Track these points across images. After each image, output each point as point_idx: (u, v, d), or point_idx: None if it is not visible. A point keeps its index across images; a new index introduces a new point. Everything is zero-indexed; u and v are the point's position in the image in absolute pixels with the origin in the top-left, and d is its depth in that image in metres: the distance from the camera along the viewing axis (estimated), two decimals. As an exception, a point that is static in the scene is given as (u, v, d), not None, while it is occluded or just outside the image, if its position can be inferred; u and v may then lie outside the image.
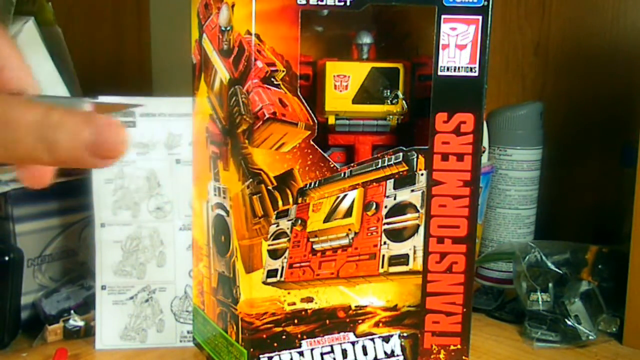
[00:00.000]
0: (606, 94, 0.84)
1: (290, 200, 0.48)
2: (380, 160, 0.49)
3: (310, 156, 0.48)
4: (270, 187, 0.47)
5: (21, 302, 0.59)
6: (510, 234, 0.75)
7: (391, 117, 0.52)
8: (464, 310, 0.51)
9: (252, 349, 0.48)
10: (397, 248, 0.50)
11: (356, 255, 0.49)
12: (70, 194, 0.64)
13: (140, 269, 0.59)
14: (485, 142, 0.72)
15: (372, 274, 0.50)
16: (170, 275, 0.59)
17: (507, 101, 0.88)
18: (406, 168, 0.49)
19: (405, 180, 0.50)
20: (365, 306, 0.51)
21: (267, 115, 0.46)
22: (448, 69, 0.48)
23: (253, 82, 0.46)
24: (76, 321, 0.60)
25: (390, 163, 0.49)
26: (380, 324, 0.51)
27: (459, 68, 0.48)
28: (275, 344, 0.49)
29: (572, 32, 0.85)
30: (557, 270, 0.63)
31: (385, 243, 0.50)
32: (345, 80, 0.51)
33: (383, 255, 0.50)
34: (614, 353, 0.59)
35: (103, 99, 0.57)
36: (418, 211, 0.50)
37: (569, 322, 0.60)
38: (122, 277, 0.59)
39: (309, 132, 0.47)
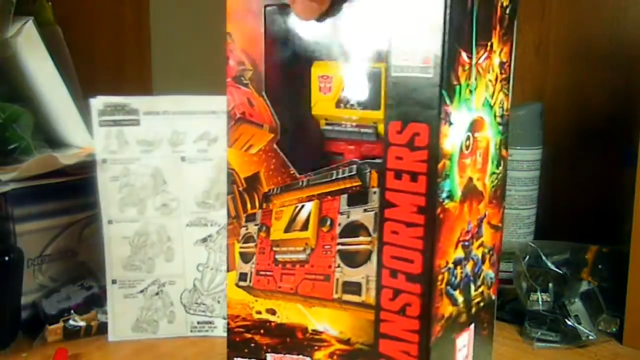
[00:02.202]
0: (606, 94, 0.84)
1: (257, 204, 0.46)
2: (335, 172, 0.45)
3: (273, 160, 0.46)
4: (240, 189, 0.47)
5: (21, 302, 0.59)
6: (510, 234, 0.74)
7: (375, 124, 0.45)
8: None
9: (228, 349, 0.48)
10: (350, 274, 0.44)
11: (312, 274, 0.45)
12: (70, 194, 0.64)
13: (149, 264, 0.59)
14: (486, 142, 0.72)
15: (326, 298, 0.45)
16: (179, 269, 0.60)
17: (507, 101, 0.88)
18: (359, 183, 0.43)
19: (358, 197, 0.43)
20: (321, 332, 0.45)
21: (237, 115, 0.46)
22: (402, 68, 0.42)
23: (227, 81, 0.46)
24: (76, 321, 0.60)
25: (344, 176, 0.44)
26: (335, 357, 0.45)
27: (413, 68, 0.41)
28: (246, 350, 0.47)
29: (572, 33, 0.85)
30: (557, 270, 0.63)
31: (339, 266, 0.44)
32: (328, 81, 0.46)
33: (337, 279, 0.44)
34: (613, 353, 0.59)
35: (102, 98, 0.57)
36: (370, 235, 0.43)
37: (568, 322, 0.60)
38: (132, 272, 0.60)
39: (272, 135, 0.46)
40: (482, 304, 0.48)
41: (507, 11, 0.45)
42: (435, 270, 0.42)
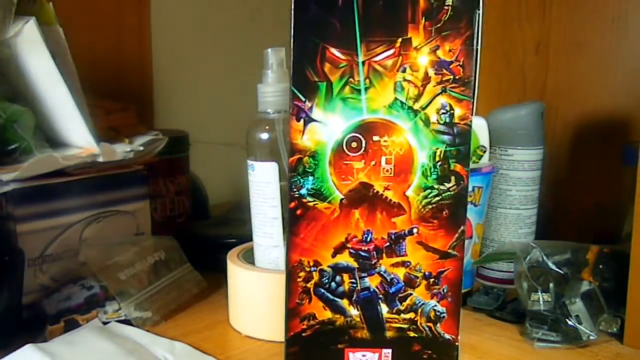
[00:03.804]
0: (607, 93, 0.84)
1: None
2: None
3: None
4: None
5: (22, 302, 0.59)
6: (511, 234, 0.75)
7: None
8: None
9: None
10: None
11: None
12: (70, 194, 0.64)
13: None
14: (486, 142, 0.72)
15: None
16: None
17: (508, 101, 0.88)
18: None
19: None
20: None
21: None
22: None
23: None
24: (77, 321, 0.60)
25: None
26: None
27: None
28: None
29: (572, 32, 0.86)
30: (558, 270, 0.63)
31: None
32: None
33: None
34: (614, 353, 0.59)
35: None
36: None
37: (569, 322, 0.60)
38: None
39: None
40: (411, 334, 0.43)
41: (451, 2, 0.39)
42: (292, 265, 0.42)
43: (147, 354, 0.55)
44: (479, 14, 0.39)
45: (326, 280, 0.42)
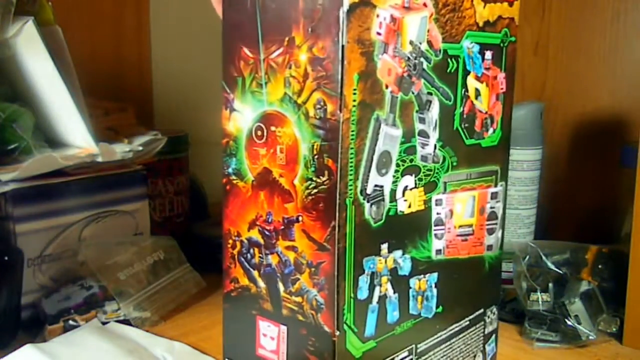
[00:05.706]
0: (606, 93, 0.84)
1: None
2: None
3: None
4: None
5: (21, 302, 0.59)
6: (510, 234, 0.75)
7: None
8: None
9: None
10: None
11: None
12: (70, 194, 0.64)
13: None
14: (485, 142, 0.72)
15: None
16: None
17: (507, 101, 0.88)
18: None
19: None
20: None
21: None
22: None
23: None
24: (76, 321, 0.60)
25: None
26: None
27: None
28: None
29: (572, 32, 0.86)
30: (557, 270, 0.63)
31: None
32: None
33: None
34: (614, 353, 0.59)
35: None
36: None
37: (569, 322, 0.60)
38: None
39: None
40: (300, 317, 0.45)
41: (321, 1, 0.40)
42: (225, 232, 0.48)
43: (146, 354, 0.55)
44: (343, 12, 0.40)
45: (245, 251, 0.47)
